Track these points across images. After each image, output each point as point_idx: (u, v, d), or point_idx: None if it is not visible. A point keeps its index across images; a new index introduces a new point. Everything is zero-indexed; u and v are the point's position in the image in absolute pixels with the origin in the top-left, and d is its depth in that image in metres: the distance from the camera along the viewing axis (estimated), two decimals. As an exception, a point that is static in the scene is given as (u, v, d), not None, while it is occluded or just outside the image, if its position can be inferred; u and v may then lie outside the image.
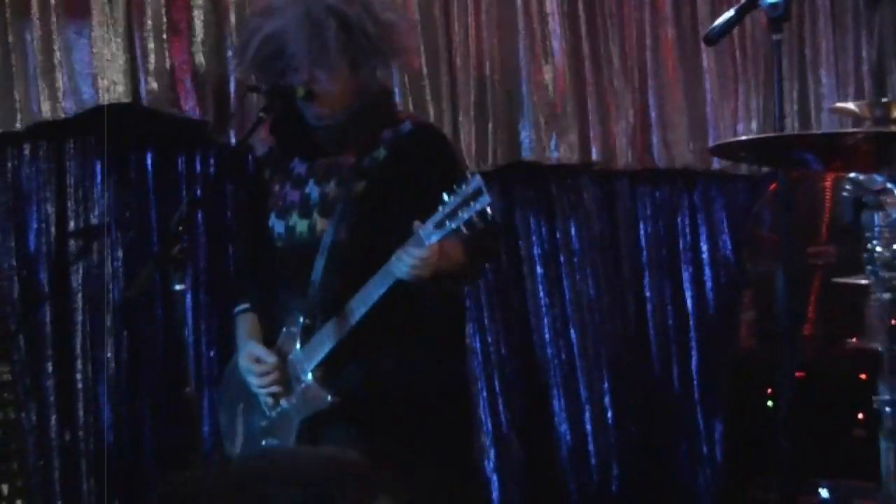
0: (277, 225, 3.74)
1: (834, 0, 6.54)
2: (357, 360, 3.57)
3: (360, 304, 3.49)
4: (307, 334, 3.60)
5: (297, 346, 3.62)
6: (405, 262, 3.37)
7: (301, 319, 3.61)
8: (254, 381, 3.69)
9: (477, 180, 3.26)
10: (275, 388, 3.65)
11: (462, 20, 5.53)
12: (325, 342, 3.56)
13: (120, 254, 4.93)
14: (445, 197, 3.28)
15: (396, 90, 5.11)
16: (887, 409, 3.13)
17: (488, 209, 3.25)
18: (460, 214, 3.26)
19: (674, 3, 6.13)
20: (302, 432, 3.58)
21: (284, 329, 3.66)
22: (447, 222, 3.28)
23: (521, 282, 5.87)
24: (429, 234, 3.33)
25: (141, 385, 4.92)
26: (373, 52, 3.65)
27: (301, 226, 3.69)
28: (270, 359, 3.64)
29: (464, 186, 3.26)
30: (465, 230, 3.27)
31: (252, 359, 3.68)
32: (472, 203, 3.25)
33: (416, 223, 3.35)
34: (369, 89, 3.70)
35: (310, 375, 3.57)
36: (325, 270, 3.59)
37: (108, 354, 4.87)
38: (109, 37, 4.72)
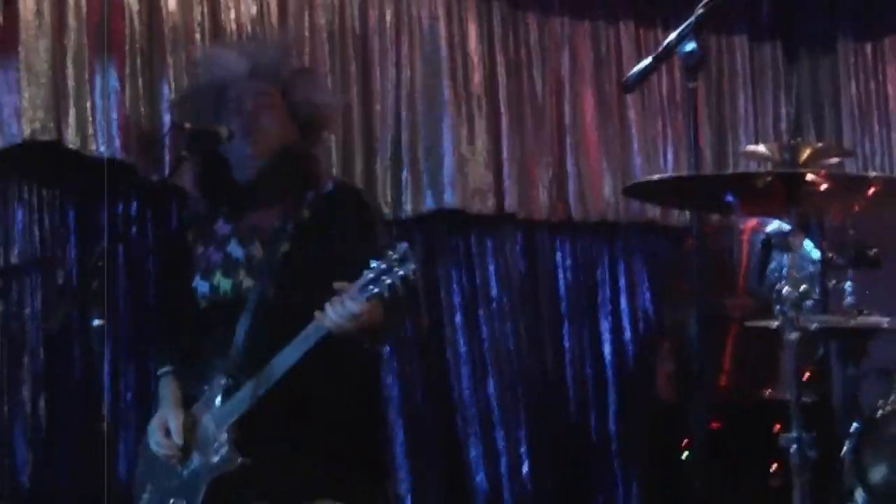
0: (201, 285, 3.75)
1: (752, 57, 6.66)
2: (272, 423, 3.56)
3: (282, 363, 3.50)
4: (228, 393, 3.60)
5: (217, 403, 3.61)
6: (337, 313, 3.39)
7: (224, 379, 3.61)
8: (155, 448, 3.70)
9: (404, 246, 3.33)
10: (173, 462, 3.66)
11: (384, 64, 5.62)
12: (244, 400, 3.55)
13: (39, 294, 4.91)
14: (372, 263, 3.33)
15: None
16: (794, 446, 3.19)
17: (412, 276, 3.31)
18: (383, 280, 3.31)
19: (595, 55, 6.23)
20: (209, 493, 3.57)
21: (206, 387, 3.66)
22: (370, 287, 3.33)
23: (440, 329, 5.90)
24: (353, 297, 3.36)
25: (57, 425, 4.88)
26: (312, 115, 3.87)
27: (225, 284, 3.71)
28: (177, 439, 3.63)
29: (390, 253, 3.32)
30: (386, 295, 3.32)
31: (161, 426, 3.68)
32: (396, 269, 3.30)
33: (336, 284, 3.39)
34: (298, 147, 3.81)
35: (224, 435, 3.57)
36: (249, 329, 3.61)
37: (25, 394, 4.84)
38: (35, 73, 4.73)
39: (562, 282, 6.25)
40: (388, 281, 3.30)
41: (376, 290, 3.31)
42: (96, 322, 3.80)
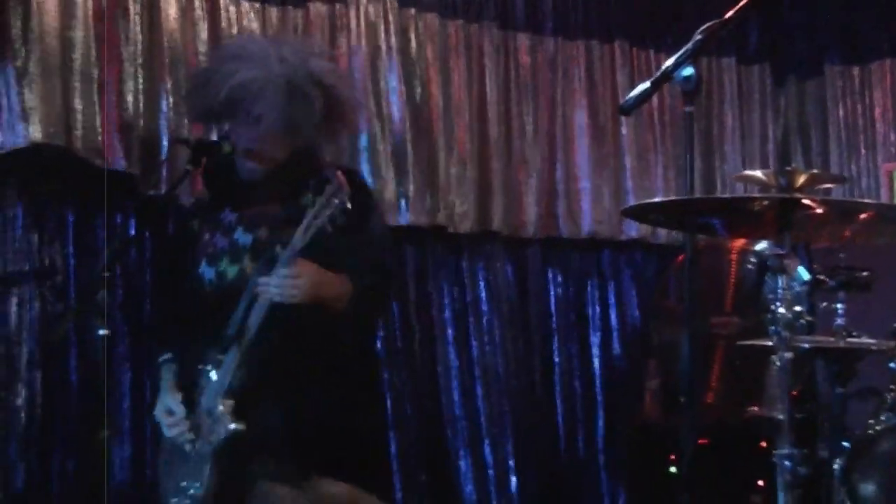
0: (208, 271, 3.80)
1: (741, 79, 6.74)
2: (274, 398, 3.63)
3: (256, 316, 3.59)
4: (220, 364, 3.67)
5: (213, 377, 3.68)
6: (273, 283, 3.52)
7: (219, 356, 3.67)
8: (167, 433, 3.76)
9: (333, 174, 3.47)
10: (186, 437, 3.71)
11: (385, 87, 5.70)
12: (230, 366, 3.62)
13: (37, 303, 4.95)
14: (309, 200, 3.49)
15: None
16: (786, 462, 3.24)
17: (348, 204, 3.43)
18: (323, 212, 3.44)
19: (588, 77, 6.30)
20: (214, 466, 3.62)
21: (207, 367, 3.71)
22: (313, 223, 3.45)
23: (431, 344, 5.97)
24: (297, 241, 3.48)
25: (53, 433, 4.92)
26: (322, 128, 3.84)
27: (231, 271, 3.76)
28: (180, 411, 3.71)
29: (327, 188, 3.44)
30: (329, 228, 3.44)
31: (165, 411, 3.76)
32: (333, 200, 3.43)
33: (278, 247, 3.53)
34: (303, 152, 3.84)
35: (220, 406, 3.62)
36: (244, 309, 3.66)
37: (20, 402, 4.88)
38: (41, 83, 4.79)
39: (552, 298, 6.32)
40: (328, 212, 3.43)
41: (318, 223, 3.44)
42: (101, 332, 3.81)
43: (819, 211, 3.28)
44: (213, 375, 3.67)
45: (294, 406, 3.65)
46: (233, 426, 3.58)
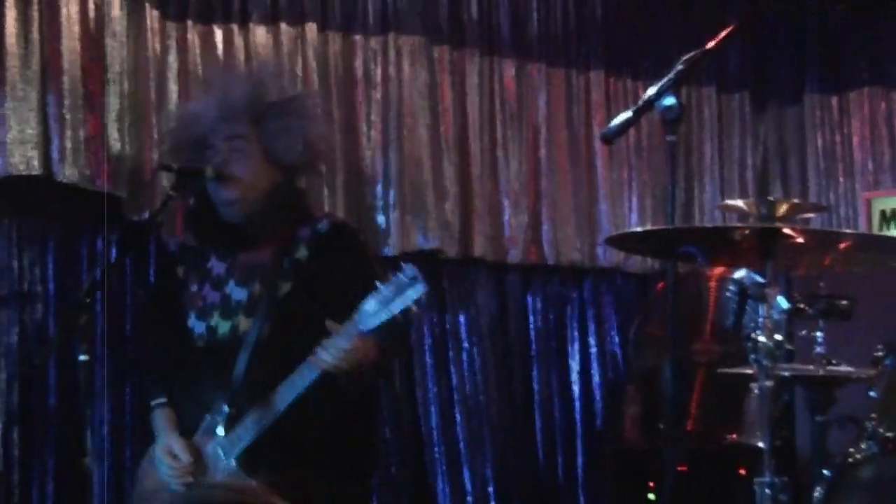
0: (198, 326, 3.77)
1: (721, 107, 6.77)
2: (275, 450, 3.63)
3: (286, 394, 3.56)
4: (231, 421, 3.65)
5: (221, 432, 3.66)
6: (330, 354, 3.46)
7: (225, 408, 3.65)
8: (165, 473, 3.72)
9: (412, 269, 3.37)
10: (185, 480, 3.69)
11: (365, 110, 5.73)
12: (249, 429, 3.61)
13: (16, 329, 4.95)
14: (380, 285, 3.38)
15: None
16: (766, 490, 3.26)
17: (423, 298, 3.36)
18: (396, 302, 3.35)
19: (567, 104, 6.33)
20: None
21: (208, 417, 3.69)
22: (382, 311, 3.37)
23: (410, 370, 5.97)
24: (365, 320, 3.40)
25: (35, 458, 4.91)
26: (286, 140, 3.76)
27: (223, 327, 3.74)
28: (185, 457, 3.68)
29: (399, 275, 3.37)
30: (401, 318, 3.39)
31: (167, 452, 3.71)
32: (407, 291, 3.35)
33: (328, 323, 3.46)
34: (284, 185, 3.80)
35: (234, 462, 3.63)
36: (248, 364, 3.65)
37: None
38: (22, 108, 4.79)
39: (531, 324, 6.33)
40: (402, 305, 3.35)
41: (392, 311, 3.36)
42: (82, 357, 3.79)
43: (800, 240, 3.32)
44: (220, 430, 3.65)
45: (294, 463, 3.65)
46: (255, 485, 3.59)
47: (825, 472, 3.99)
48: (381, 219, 5.77)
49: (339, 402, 3.66)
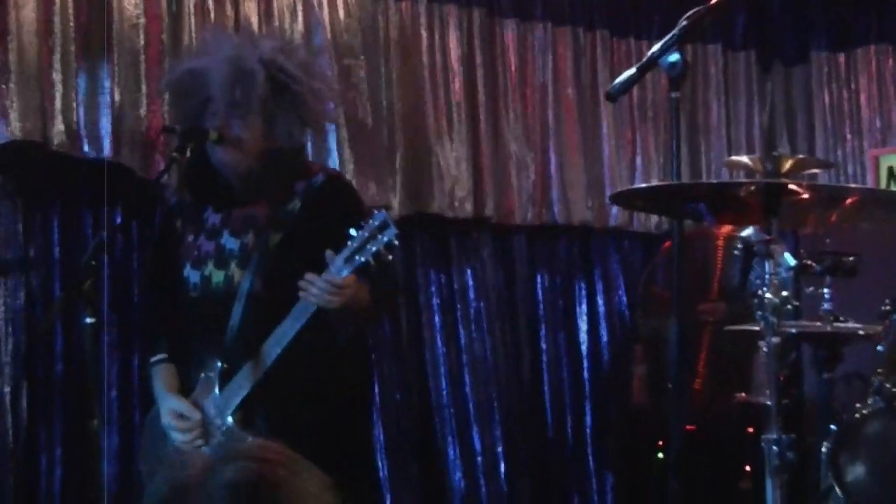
0: (192, 275, 3.76)
1: (727, 66, 6.75)
2: (268, 406, 3.62)
3: (275, 345, 3.55)
4: (225, 378, 3.64)
5: (216, 390, 3.65)
6: (320, 288, 3.45)
7: (219, 364, 3.65)
8: (178, 437, 3.69)
9: (382, 214, 3.39)
10: (199, 443, 3.67)
11: (370, 70, 5.69)
12: (243, 385, 3.60)
13: (22, 294, 4.95)
14: (353, 232, 3.39)
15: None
16: (774, 447, 3.26)
17: (396, 241, 3.38)
18: (369, 248, 3.38)
19: (574, 64, 6.30)
20: None
21: (203, 374, 3.69)
22: (356, 256, 3.39)
23: (419, 331, 5.97)
24: (339, 269, 3.42)
25: (42, 422, 4.92)
26: (293, 115, 3.72)
27: (217, 276, 3.72)
28: (194, 415, 3.66)
29: (370, 221, 3.39)
30: (373, 263, 3.39)
31: (174, 415, 3.69)
32: (379, 236, 3.38)
33: (329, 252, 3.44)
34: (281, 143, 3.75)
35: (230, 419, 3.62)
36: (242, 317, 3.64)
37: (7, 389, 4.87)
38: (21, 76, 4.77)
39: (539, 285, 6.33)
40: (373, 249, 3.37)
41: (361, 259, 3.38)
42: (88, 320, 3.78)
43: (805, 196, 3.30)
44: (217, 387, 3.65)
45: (290, 414, 3.63)
46: (250, 440, 3.53)
47: (832, 427, 4.00)
48: (388, 184, 5.72)
49: (332, 347, 3.66)
